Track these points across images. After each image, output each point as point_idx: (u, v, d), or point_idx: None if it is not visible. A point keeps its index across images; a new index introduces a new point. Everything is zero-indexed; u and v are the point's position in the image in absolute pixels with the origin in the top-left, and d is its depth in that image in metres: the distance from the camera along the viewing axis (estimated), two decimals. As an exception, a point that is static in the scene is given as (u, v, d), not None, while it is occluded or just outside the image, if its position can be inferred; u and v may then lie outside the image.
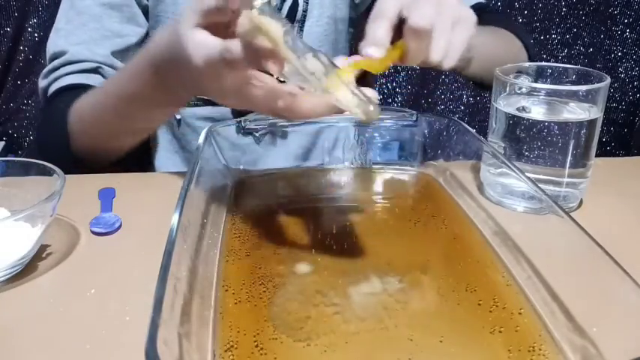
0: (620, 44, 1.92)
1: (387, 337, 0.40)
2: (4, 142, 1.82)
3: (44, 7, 1.72)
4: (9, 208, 0.52)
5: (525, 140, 0.57)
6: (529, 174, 0.51)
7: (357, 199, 0.64)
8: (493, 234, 0.53)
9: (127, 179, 0.69)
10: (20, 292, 0.48)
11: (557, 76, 0.62)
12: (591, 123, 0.57)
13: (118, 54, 0.75)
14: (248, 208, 0.59)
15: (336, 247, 0.52)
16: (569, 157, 0.57)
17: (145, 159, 0.91)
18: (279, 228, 0.55)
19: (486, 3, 0.87)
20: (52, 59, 0.75)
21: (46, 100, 0.75)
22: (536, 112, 0.58)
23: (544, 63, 0.63)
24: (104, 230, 0.56)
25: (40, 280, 0.49)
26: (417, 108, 1.74)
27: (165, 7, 0.78)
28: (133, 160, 0.96)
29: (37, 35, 1.74)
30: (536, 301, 0.43)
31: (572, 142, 0.57)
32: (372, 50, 0.52)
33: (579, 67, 0.61)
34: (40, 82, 0.75)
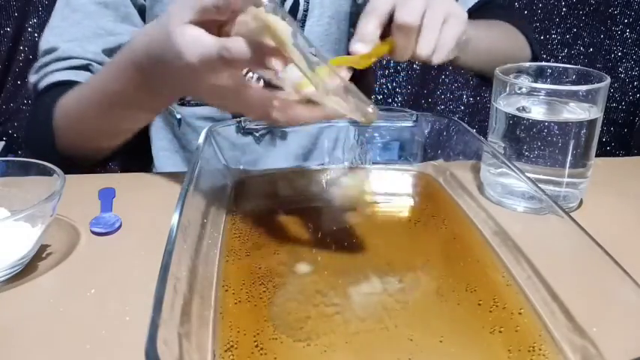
0: (620, 44, 1.92)
1: (387, 337, 0.40)
2: (4, 142, 1.82)
3: (44, 7, 1.71)
4: (9, 208, 0.52)
5: (525, 140, 0.57)
6: (529, 174, 0.51)
7: (357, 199, 0.64)
8: (493, 234, 0.53)
9: (127, 179, 0.69)
10: (20, 292, 0.48)
11: (557, 76, 0.62)
12: (591, 123, 0.57)
13: (109, 52, 0.75)
14: (248, 208, 0.59)
15: (336, 247, 0.52)
16: (569, 157, 0.57)
17: (145, 159, 0.91)
18: (279, 228, 0.55)
19: None
20: (44, 55, 0.75)
21: (36, 96, 0.75)
22: (536, 112, 0.58)
23: (544, 63, 0.63)
24: (104, 230, 0.56)
25: (40, 280, 0.49)
26: (417, 108, 1.74)
27: (162, 6, 0.78)
28: (133, 160, 0.96)
29: (37, 35, 1.73)
30: (536, 301, 0.43)
31: (572, 142, 0.57)
32: (357, 46, 0.53)
33: (579, 67, 0.61)
34: (31, 78, 0.75)
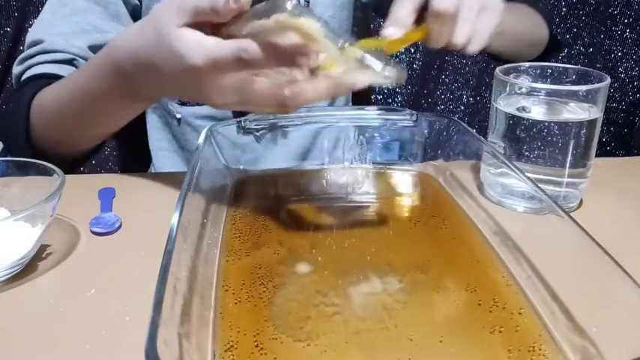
0: (620, 44, 1.92)
1: (387, 337, 0.40)
2: (2, 142, 1.82)
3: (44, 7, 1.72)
4: (9, 208, 0.52)
5: (525, 140, 0.57)
6: (529, 174, 0.51)
7: (357, 199, 0.64)
8: (493, 234, 0.53)
9: (127, 179, 0.69)
10: (20, 292, 0.48)
11: (557, 76, 0.62)
12: (591, 123, 0.57)
13: (95, 48, 0.74)
14: (248, 208, 0.59)
15: (336, 247, 0.52)
16: (569, 157, 0.57)
17: (145, 159, 0.91)
18: (279, 228, 0.55)
19: None
20: (29, 47, 0.74)
21: (17, 87, 0.74)
22: (536, 112, 0.58)
23: (544, 63, 0.63)
24: (104, 230, 0.56)
25: (40, 280, 0.49)
26: (417, 108, 1.74)
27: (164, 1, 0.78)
28: (132, 160, 0.96)
29: (37, 35, 1.73)
30: (536, 301, 0.43)
31: (572, 142, 0.57)
32: (390, 30, 0.52)
33: (579, 67, 0.61)
34: (14, 69, 0.75)
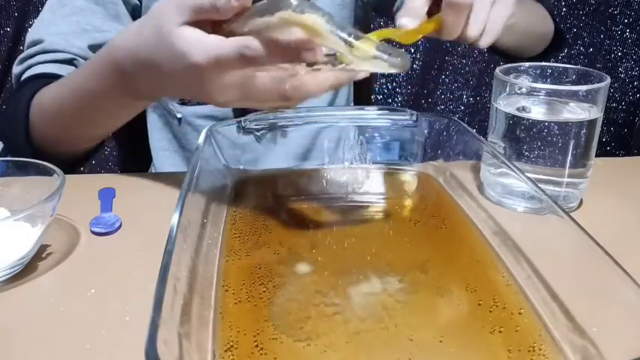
0: (620, 44, 1.92)
1: (387, 337, 0.40)
2: (2, 142, 1.82)
3: (44, 6, 1.72)
4: (9, 208, 0.52)
5: (525, 140, 0.57)
6: (529, 174, 0.51)
7: (357, 199, 0.64)
8: (493, 234, 0.53)
9: (127, 179, 0.69)
10: (20, 292, 0.48)
11: (557, 76, 0.62)
12: (591, 123, 0.57)
13: (95, 48, 0.74)
14: (248, 208, 0.59)
15: (336, 247, 0.52)
16: (569, 157, 0.57)
17: (145, 159, 0.91)
18: (279, 228, 0.55)
19: None
20: (29, 46, 0.74)
21: (17, 87, 0.74)
22: (536, 112, 0.58)
23: (544, 63, 0.63)
24: (104, 230, 0.56)
25: (40, 280, 0.49)
26: (417, 108, 1.74)
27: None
28: (132, 160, 0.96)
29: (37, 35, 1.73)
30: (536, 301, 0.43)
31: (572, 142, 0.57)
32: (404, 21, 0.52)
33: (579, 67, 0.61)
34: (14, 69, 0.75)
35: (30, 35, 0.75)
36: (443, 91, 1.92)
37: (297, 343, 0.39)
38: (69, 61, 0.73)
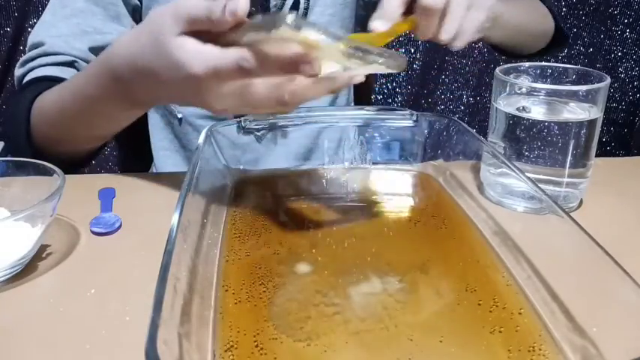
0: (620, 44, 1.92)
1: (387, 337, 0.40)
2: (4, 143, 1.82)
3: (44, 7, 1.70)
4: (9, 208, 0.52)
5: (525, 140, 0.57)
6: (529, 174, 0.51)
7: (357, 199, 0.64)
8: (493, 234, 0.53)
9: (127, 179, 0.69)
10: (20, 292, 0.48)
11: (557, 76, 0.62)
12: (591, 123, 0.57)
13: (96, 50, 0.75)
14: (248, 208, 0.59)
15: (336, 247, 0.52)
16: (569, 157, 0.57)
17: (145, 159, 0.91)
18: (279, 228, 0.55)
19: None
20: (31, 49, 0.75)
21: (19, 90, 0.74)
22: (536, 112, 0.58)
23: (544, 63, 0.63)
24: (104, 230, 0.56)
25: (40, 280, 0.49)
26: (417, 108, 1.74)
27: (159, 6, 0.78)
28: (133, 160, 0.96)
29: (37, 35, 1.73)
30: (536, 301, 0.43)
31: (572, 142, 0.57)
32: (375, 24, 0.52)
33: (579, 67, 0.61)
34: (16, 71, 0.75)
35: (31, 37, 0.75)
36: (443, 91, 1.92)
37: (297, 343, 0.39)
38: (69, 64, 0.73)
